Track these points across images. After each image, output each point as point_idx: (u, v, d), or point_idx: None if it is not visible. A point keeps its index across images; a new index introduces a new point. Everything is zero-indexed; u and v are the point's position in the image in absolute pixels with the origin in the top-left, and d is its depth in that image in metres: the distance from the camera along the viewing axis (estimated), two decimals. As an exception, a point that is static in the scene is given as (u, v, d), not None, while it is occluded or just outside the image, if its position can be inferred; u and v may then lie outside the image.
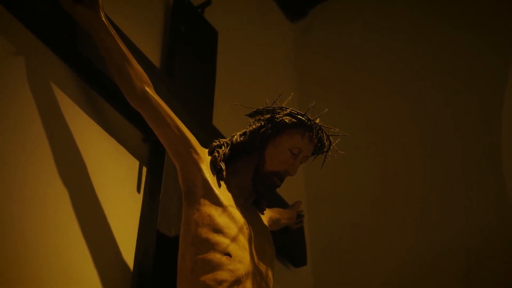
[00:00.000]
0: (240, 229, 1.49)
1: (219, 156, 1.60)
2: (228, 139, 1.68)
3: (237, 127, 1.75)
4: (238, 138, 1.65)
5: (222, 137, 1.95)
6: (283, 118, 1.60)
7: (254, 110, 1.67)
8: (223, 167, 1.59)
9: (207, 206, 1.49)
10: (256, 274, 1.49)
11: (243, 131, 1.66)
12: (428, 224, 2.50)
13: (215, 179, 1.55)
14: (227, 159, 1.63)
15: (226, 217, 1.48)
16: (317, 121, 1.62)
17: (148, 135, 1.77)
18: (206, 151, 1.62)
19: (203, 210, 1.49)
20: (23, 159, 1.42)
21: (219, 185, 1.55)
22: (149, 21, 2.12)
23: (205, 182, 1.52)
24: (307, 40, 3.32)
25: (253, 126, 1.63)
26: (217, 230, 1.46)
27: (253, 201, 1.68)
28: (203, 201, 1.50)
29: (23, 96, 1.47)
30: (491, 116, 2.57)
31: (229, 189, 1.58)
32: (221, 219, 1.48)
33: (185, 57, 2.10)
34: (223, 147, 1.64)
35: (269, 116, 1.62)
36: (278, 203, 2.19)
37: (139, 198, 1.74)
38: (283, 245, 2.21)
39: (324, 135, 1.64)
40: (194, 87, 2.09)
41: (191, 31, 2.20)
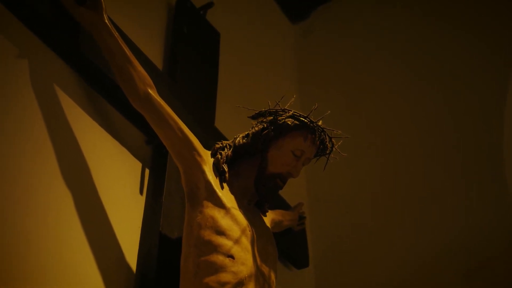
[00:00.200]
0: (243, 231, 1.50)
1: (221, 158, 1.60)
2: (230, 141, 1.68)
3: (239, 129, 1.76)
4: (241, 140, 1.65)
5: (224, 139, 1.95)
6: (285, 120, 1.60)
7: (257, 112, 1.67)
8: (226, 169, 1.59)
9: (210, 208, 1.49)
10: (259, 276, 1.50)
11: (246, 133, 1.66)
12: (428, 224, 2.50)
13: (217, 181, 1.56)
14: (229, 161, 1.63)
15: (229, 219, 1.49)
16: (320, 123, 1.63)
17: (151, 137, 1.78)
18: (209, 153, 1.62)
19: (206, 212, 1.49)
20: (26, 161, 1.42)
21: (222, 187, 1.55)
22: (151, 23, 2.12)
23: (208, 184, 1.52)
24: (309, 42, 3.33)
25: (256, 128, 1.64)
26: (220, 232, 1.46)
27: (255, 203, 1.69)
28: (206, 203, 1.50)
29: (26, 97, 1.47)
30: (491, 116, 2.58)
31: (232, 191, 1.59)
32: (224, 221, 1.48)
33: (187, 59, 2.10)
34: (226, 149, 1.64)
35: (271, 118, 1.63)
36: (280, 205, 2.20)
37: (141, 200, 1.74)
38: (285, 247, 2.22)
39: (327, 137, 1.64)
40: (196, 89, 2.09)
41: (193, 33, 2.20)
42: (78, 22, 1.55)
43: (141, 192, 1.75)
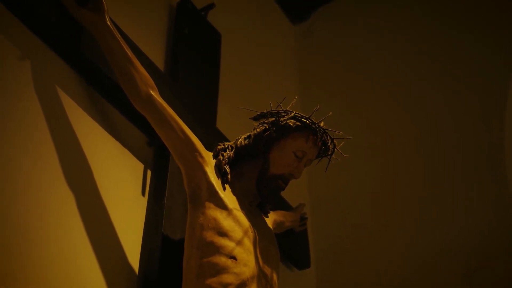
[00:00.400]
0: (245, 232, 1.50)
1: (223, 159, 1.60)
2: (232, 142, 1.68)
3: (240, 129, 1.76)
4: (243, 142, 1.65)
5: (226, 140, 1.95)
6: (287, 121, 1.60)
7: (259, 113, 1.67)
8: (228, 170, 1.59)
9: (212, 209, 1.50)
10: (261, 277, 1.50)
11: (248, 134, 1.66)
12: (428, 224, 2.51)
13: (220, 182, 1.56)
14: (231, 162, 1.63)
15: (231, 220, 1.49)
16: (321, 124, 1.63)
17: (153, 138, 1.78)
18: (211, 154, 1.62)
19: (208, 213, 1.49)
20: (28, 162, 1.42)
21: (224, 189, 1.55)
22: (152, 24, 2.12)
23: (210, 185, 1.53)
24: (310, 42, 3.33)
25: (258, 130, 1.64)
26: (222, 234, 1.46)
27: (257, 204, 1.69)
28: (208, 204, 1.50)
29: (27, 98, 1.47)
30: (491, 116, 2.58)
31: (234, 192, 1.59)
32: (226, 222, 1.48)
33: (188, 60, 2.10)
34: (228, 150, 1.64)
35: (273, 119, 1.62)
36: (281, 205, 2.20)
37: (144, 201, 1.74)
38: (287, 248, 2.22)
39: (329, 138, 1.64)
40: (198, 90, 2.09)
41: (194, 34, 2.20)
42: (79, 23, 1.54)
43: (143, 194, 1.75)
